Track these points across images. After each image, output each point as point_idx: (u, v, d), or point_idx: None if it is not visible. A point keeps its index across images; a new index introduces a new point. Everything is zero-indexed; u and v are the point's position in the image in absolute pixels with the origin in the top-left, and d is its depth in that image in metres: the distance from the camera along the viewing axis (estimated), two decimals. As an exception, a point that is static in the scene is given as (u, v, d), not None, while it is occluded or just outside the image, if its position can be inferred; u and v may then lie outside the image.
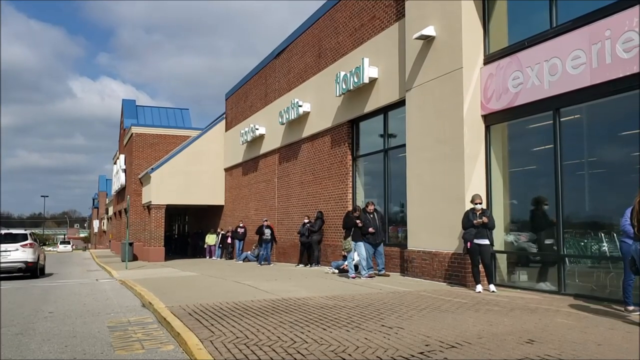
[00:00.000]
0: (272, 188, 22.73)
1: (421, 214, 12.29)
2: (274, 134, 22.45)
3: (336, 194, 17.19)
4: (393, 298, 9.36)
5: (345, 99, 16.60)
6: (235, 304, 9.05)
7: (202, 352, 5.73)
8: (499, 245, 10.73)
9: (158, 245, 27.61)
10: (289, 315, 7.81)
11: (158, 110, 40.48)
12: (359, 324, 7.01)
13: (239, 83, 27.97)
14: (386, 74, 14.55)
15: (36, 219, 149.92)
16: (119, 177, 39.28)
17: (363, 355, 5.39)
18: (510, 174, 11.16)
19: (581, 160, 9.74)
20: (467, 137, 11.00)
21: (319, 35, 18.84)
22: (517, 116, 10.53)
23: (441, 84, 11.67)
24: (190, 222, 39.86)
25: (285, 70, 21.78)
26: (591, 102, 9.15)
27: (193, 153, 28.89)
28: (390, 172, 14.95)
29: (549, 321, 6.97)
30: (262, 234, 20.54)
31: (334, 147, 17.44)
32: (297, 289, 11.03)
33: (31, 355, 6.44)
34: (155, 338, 7.19)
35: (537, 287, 9.98)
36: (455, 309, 8.08)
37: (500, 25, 11.34)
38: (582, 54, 8.95)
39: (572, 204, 9.65)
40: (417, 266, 12.35)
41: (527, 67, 10.04)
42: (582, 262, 9.61)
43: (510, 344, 5.73)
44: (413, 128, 12.66)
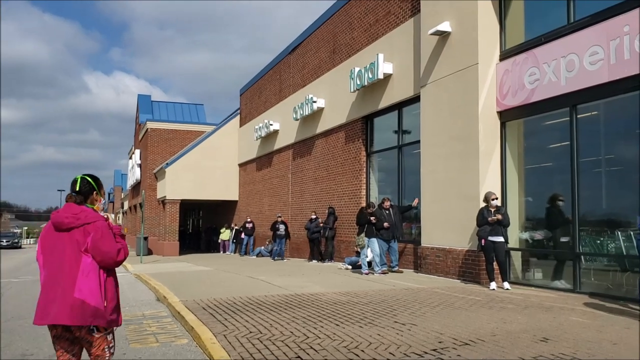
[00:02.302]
0: (285, 184, 22.76)
1: (435, 210, 12.24)
2: (288, 129, 22.47)
3: (350, 190, 17.18)
4: (406, 295, 9.35)
5: (360, 95, 16.56)
6: (248, 299, 9.10)
7: (215, 347, 5.77)
8: (513, 242, 10.66)
9: (172, 240, 27.79)
10: (302, 311, 7.83)
11: (173, 106, 40.72)
12: (372, 320, 7.01)
13: (253, 79, 28.02)
14: (401, 70, 14.48)
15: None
16: (134, 171, 39.56)
17: (376, 351, 5.40)
18: (526, 171, 11.07)
19: (598, 158, 9.63)
20: (482, 134, 10.93)
21: (334, 31, 18.80)
22: (533, 113, 10.44)
23: (456, 80, 11.60)
24: (204, 217, 40.09)
25: (300, 66, 21.77)
26: (609, 98, 9.04)
27: (207, 148, 29.01)
28: (404, 168, 14.90)
29: (563, 319, 6.92)
30: (277, 229, 20.62)
31: (348, 143, 17.42)
32: (310, 285, 11.06)
33: (48, 347, 6.53)
34: (169, 332, 7.26)
35: (551, 285, 9.90)
36: (468, 306, 8.04)
37: (516, 21, 11.23)
38: (600, 49, 8.84)
39: (588, 202, 9.55)
40: (431, 263, 12.31)
41: (543, 63, 9.93)
42: (598, 260, 9.51)
43: (524, 342, 5.70)
44: (427, 124, 12.60)
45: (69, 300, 3.46)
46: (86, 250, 3.55)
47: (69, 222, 3.57)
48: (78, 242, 3.55)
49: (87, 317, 3.49)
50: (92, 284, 3.52)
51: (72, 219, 3.57)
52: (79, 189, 3.72)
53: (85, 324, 3.50)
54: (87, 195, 3.74)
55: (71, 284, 3.49)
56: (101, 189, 3.82)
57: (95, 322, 3.53)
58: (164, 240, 28.07)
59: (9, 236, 53.84)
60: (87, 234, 3.55)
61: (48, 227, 3.67)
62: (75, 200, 3.70)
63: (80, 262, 3.53)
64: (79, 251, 3.54)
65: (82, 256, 3.54)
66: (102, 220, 3.62)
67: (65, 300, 3.46)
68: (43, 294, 3.56)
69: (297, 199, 21.58)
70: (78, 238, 3.55)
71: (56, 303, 3.48)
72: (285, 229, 20.78)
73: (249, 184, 27.80)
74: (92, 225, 3.57)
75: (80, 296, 3.47)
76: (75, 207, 3.65)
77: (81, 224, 3.56)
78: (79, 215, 3.59)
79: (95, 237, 3.55)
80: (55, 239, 3.60)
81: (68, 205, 3.67)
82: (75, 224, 3.56)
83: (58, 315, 3.46)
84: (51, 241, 3.62)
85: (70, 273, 3.51)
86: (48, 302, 3.51)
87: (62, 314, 3.46)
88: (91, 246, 3.54)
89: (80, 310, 3.47)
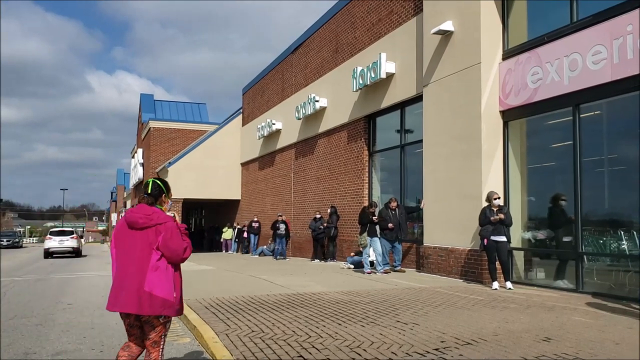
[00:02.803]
0: (288, 183, 22.77)
1: (437, 210, 12.23)
2: (290, 129, 22.47)
3: (352, 190, 17.18)
4: (408, 294, 9.34)
5: (362, 94, 16.56)
6: (251, 298, 9.10)
7: (217, 346, 5.78)
8: (516, 242, 10.64)
9: (175, 239, 27.81)
10: (304, 310, 7.83)
11: (175, 105, 40.80)
12: (374, 319, 7.00)
13: (256, 78, 28.04)
14: (403, 69, 14.47)
15: (55, 212, 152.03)
16: (136, 170, 39.65)
17: (378, 350, 5.39)
18: (529, 170, 11.05)
19: (600, 157, 9.61)
20: (484, 133, 10.91)
21: (336, 30, 18.79)
22: (536, 112, 10.42)
23: (459, 79, 11.58)
24: (207, 216, 40.15)
25: (302, 65, 21.77)
26: (612, 98, 9.02)
27: (210, 147, 29.05)
28: (406, 168, 14.89)
29: (566, 319, 6.90)
30: (277, 229, 20.62)
31: (351, 142, 17.42)
32: (313, 284, 11.06)
33: (50, 345, 6.55)
34: (171, 331, 7.26)
35: (554, 285, 9.88)
36: (471, 305, 8.04)
37: (519, 20, 11.21)
38: (603, 49, 8.82)
39: (591, 201, 9.53)
40: (433, 262, 12.30)
41: (546, 62, 9.92)
42: (601, 260, 9.50)
43: (526, 341, 5.69)
44: (430, 124, 12.59)
45: (138, 292, 3.84)
46: (157, 248, 3.92)
47: (143, 222, 3.95)
48: (150, 240, 3.92)
49: (157, 308, 3.88)
50: (161, 278, 3.90)
51: (146, 220, 3.95)
52: (150, 192, 4.12)
53: (154, 313, 3.88)
54: (157, 197, 4.13)
55: (142, 278, 3.86)
56: (169, 192, 4.22)
57: (165, 311, 3.92)
58: (166, 239, 28.10)
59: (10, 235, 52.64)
60: (158, 234, 3.92)
61: (121, 224, 4.05)
62: (147, 201, 4.09)
63: (150, 258, 3.91)
64: (150, 248, 3.91)
65: (152, 253, 3.91)
66: (171, 221, 3.98)
67: (136, 292, 3.84)
68: (115, 284, 3.96)
69: (299, 198, 21.59)
70: (150, 236, 3.92)
71: (126, 293, 3.86)
72: (285, 228, 20.78)
73: (251, 183, 27.82)
74: (163, 225, 3.94)
75: (149, 289, 3.86)
76: (147, 208, 4.04)
77: (154, 224, 3.94)
78: (151, 216, 3.96)
79: (165, 237, 3.91)
80: (128, 235, 3.98)
81: (141, 206, 4.06)
82: (148, 224, 3.94)
83: (126, 305, 3.86)
84: (124, 237, 4.00)
85: (141, 268, 3.88)
86: (119, 292, 3.91)
87: (130, 303, 3.85)
88: (162, 245, 3.91)
89: (149, 301, 3.85)
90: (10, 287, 13.30)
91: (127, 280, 3.89)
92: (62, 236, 30.06)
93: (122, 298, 3.87)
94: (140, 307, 3.85)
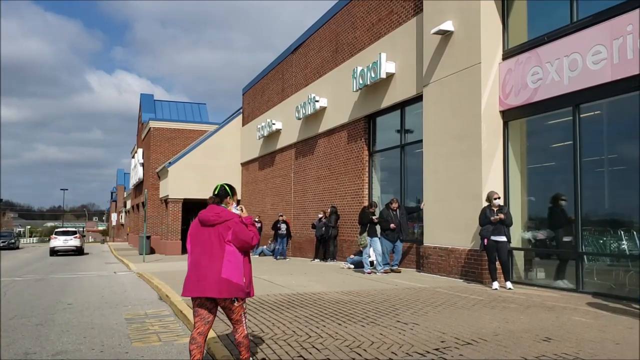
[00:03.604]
0: (288, 183, 22.77)
1: (437, 210, 12.23)
2: (290, 129, 22.47)
3: (352, 190, 17.18)
4: (409, 294, 9.34)
5: (362, 94, 16.56)
6: (251, 298, 9.09)
7: (218, 346, 5.79)
8: (516, 242, 10.64)
9: (175, 239, 27.84)
10: (305, 310, 7.84)
11: (176, 105, 40.78)
12: (374, 319, 7.01)
13: (256, 78, 28.04)
14: (403, 69, 14.47)
15: (55, 212, 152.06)
16: (136, 171, 39.64)
17: (378, 350, 5.40)
18: (529, 170, 11.04)
19: (601, 157, 9.61)
20: (484, 133, 10.91)
21: (336, 30, 18.79)
22: (536, 112, 10.42)
23: (459, 79, 11.58)
24: (207, 216, 40.08)
25: (302, 65, 21.77)
26: (612, 98, 9.02)
27: (210, 147, 29.03)
28: (406, 168, 14.89)
29: (566, 319, 6.91)
30: (278, 228, 20.62)
31: (351, 142, 17.42)
32: (313, 284, 11.06)
33: (51, 345, 6.55)
34: (171, 331, 7.27)
35: (554, 285, 9.88)
36: (471, 305, 8.04)
37: (519, 20, 11.21)
38: (603, 49, 8.82)
39: (591, 201, 9.53)
40: (433, 262, 12.30)
41: (546, 62, 9.91)
42: (601, 260, 9.49)
43: (526, 341, 5.69)
44: (430, 124, 12.59)
45: (218, 279, 4.51)
46: (229, 240, 4.59)
47: (214, 219, 4.65)
48: (221, 235, 4.60)
49: (232, 291, 4.56)
50: (234, 266, 4.57)
51: (216, 217, 4.65)
52: (217, 193, 4.84)
53: (230, 296, 4.57)
54: (223, 198, 4.83)
55: (218, 267, 4.53)
56: (234, 195, 4.92)
57: (238, 294, 4.60)
58: (166, 239, 28.12)
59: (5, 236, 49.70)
60: (228, 228, 4.60)
61: (195, 223, 4.77)
62: (214, 201, 4.80)
63: (224, 250, 4.58)
64: (222, 241, 4.59)
65: (225, 245, 4.59)
66: (237, 217, 4.69)
67: (215, 279, 4.51)
68: (193, 274, 4.60)
69: (299, 198, 21.59)
70: (221, 231, 4.60)
71: (207, 281, 4.51)
72: (286, 228, 20.78)
73: (251, 183, 27.82)
74: (231, 221, 4.63)
75: (227, 276, 4.53)
76: (217, 208, 4.74)
77: (223, 221, 4.63)
78: (220, 214, 4.66)
79: (235, 230, 4.59)
80: (202, 232, 4.67)
81: (211, 206, 4.77)
82: (218, 221, 4.63)
83: (208, 290, 4.52)
84: (198, 233, 4.69)
85: (217, 258, 4.55)
86: (199, 280, 4.54)
87: (211, 289, 4.51)
88: (233, 237, 4.59)
89: (227, 286, 4.52)
90: (10, 287, 13.31)
91: (205, 269, 4.54)
92: (66, 236, 32.91)
93: (202, 285, 4.52)
94: (219, 292, 4.52)
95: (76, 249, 32.76)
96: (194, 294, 4.59)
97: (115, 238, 75.01)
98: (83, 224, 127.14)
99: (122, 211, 67.89)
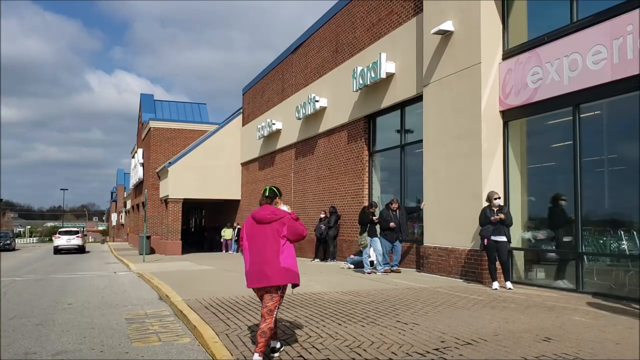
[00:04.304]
0: (288, 183, 22.77)
1: (437, 210, 12.23)
2: (290, 129, 22.47)
3: (352, 190, 17.18)
4: (409, 294, 9.34)
5: (362, 94, 16.55)
6: (251, 298, 9.10)
7: (217, 345, 5.78)
8: (516, 242, 10.64)
9: (175, 239, 27.82)
10: (305, 310, 7.84)
11: (176, 105, 40.77)
12: (374, 319, 7.01)
13: (256, 78, 28.03)
14: (403, 69, 14.47)
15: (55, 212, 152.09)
16: (136, 170, 39.63)
17: (378, 350, 5.40)
18: (529, 170, 11.04)
19: (601, 157, 9.61)
20: (484, 133, 10.91)
21: (337, 30, 18.79)
22: (536, 112, 10.42)
23: (459, 79, 11.58)
24: (207, 216, 40.14)
25: (303, 65, 21.77)
26: (612, 98, 9.02)
27: (210, 147, 29.02)
28: (406, 167, 14.89)
29: (566, 319, 6.91)
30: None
31: (351, 142, 17.41)
32: (313, 284, 11.06)
33: (51, 345, 6.55)
34: (171, 331, 7.27)
35: (554, 285, 9.88)
36: (471, 305, 8.04)
37: (519, 20, 11.21)
38: (603, 49, 8.82)
39: (591, 201, 9.53)
40: (433, 262, 12.30)
41: (546, 62, 9.91)
42: (601, 260, 9.49)
43: (526, 341, 5.69)
44: (430, 124, 12.59)
45: (279, 269, 5.18)
46: (284, 235, 5.27)
47: (270, 217, 5.32)
48: (277, 230, 5.26)
49: (291, 278, 5.29)
50: (288, 256, 5.28)
51: (272, 215, 5.33)
52: (268, 195, 5.56)
53: (290, 282, 5.31)
54: (272, 198, 5.54)
55: (277, 259, 5.19)
56: (281, 195, 5.70)
57: (294, 281, 5.34)
58: (166, 239, 28.11)
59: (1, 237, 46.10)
60: (283, 224, 5.28)
61: (250, 221, 5.42)
62: (266, 202, 5.50)
63: (279, 244, 5.24)
64: (278, 236, 5.25)
65: (279, 239, 5.25)
66: (288, 215, 5.37)
67: (277, 269, 5.17)
68: (255, 267, 5.23)
69: (299, 198, 21.59)
70: (277, 227, 5.27)
71: (268, 271, 5.16)
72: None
73: (251, 183, 27.82)
74: (285, 218, 5.32)
75: (285, 265, 5.23)
76: (269, 207, 5.44)
77: (278, 218, 5.30)
78: (275, 212, 5.36)
79: (289, 225, 5.30)
80: (258, 229, 5.33)
81: (264, 206, 5.46)
82: (274, 218, 5.31)
83: (272, 279, 5.17)
84: (254, 230, 5.35)
85: (274, 251, 5.21)
86: (260, 272, 5.18)
87: (275, 277, 5.17)
88: (288, 232, 5.29)
89: (286, 274, 5.23)
90: (10, 287, 13.31)
91: (265, 262, 5.18)
92: (69, 235, 35.67)
93: (265, 276, 5.15)
94: (281, 279, 5.19)
95: (78, 248, 35.10)
96: (259, 285, 5.20)
97: (115, 238, 75.00)
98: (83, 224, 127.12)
99: (122, 211, 67.87)
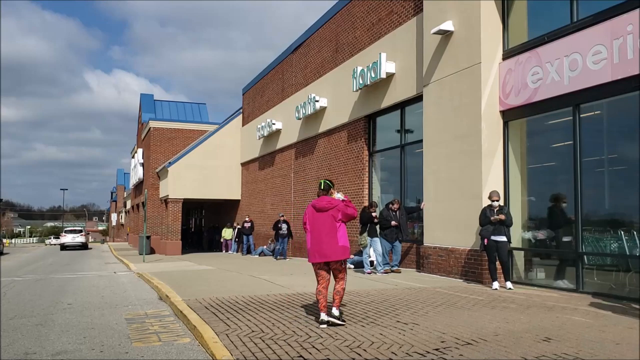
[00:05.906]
0: (288, 183, 22.77)
1: (437, 210, 12.23)
2: (290, 129, 22.47)
3: (352, 190, 17.17)
4: (409, 294, 9.34)
5: (362, 94, 16.55)
6: (251, 298, 9.10)
7: (217, 346, 5.78)
8: (516, 242, 10.64)
9: (175, 239, 27.82)
10: (304, 310, 7.83)
11: (176, 105, 40.78)
12: (374, 319, 7.00)
13: (255, 78, 28.03)
14: (403, 69, 14.47)
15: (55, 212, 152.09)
16: (136, 170, 39.63)
17: (378, 350, 5.39)
18: (529, 170, 11.04)
19: (601, 157, 9.61)
20: (485, 133, 10.91)
21: (337, 30, 18.79)
22: (536, 112, 10.42)
23: (459, 79, 11.58)
24: (207, 216, 40.11)
25: (302, 65, 21.77)
26: (612, 98, 9.02)
27: (210, 147, 29.01)
28: (406, 167, 14.89)
29: (566, 319, 6.91)
30: (279, 229, 20.63)
31: (351, 142, 17.41)
32: (313, 284, 11.02)
33: (50, 345, 6.55)
34: (171, 331, 7.27)
35: (554, 285, 9.88)
36: (471, 305, 8.03)
37: (519, 20, 11.21)
38: (603, 49, 8.81)
39: (591, 201, 9.53)
40: (433, 262, 12.30)
41: (546, 62, 9.91)
42: (601, 260, 9.49)
43: (526, 341, 5.69)
44: (430, 124, 12.59)
45: (337, 247, 6.62)
46: (340, 219, 6.69)
47: (328, 206, 6.74)
48: (333, 216, 6.69)
49: (347, 254, 6.70)
50: (343, 236, 6.69)
51: (329, 204, 6.75)
52: (324, 188, 6.92)
53: (346, 257, 6.73)
54: (328, 190, 6.93)
55: (334, 239, 6.63)
56: (334, 187, 7.07)
57: (348, 256, 6.77)
58: (166, 239, 28.10)
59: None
60: (338, 211, 6.70)
61: (311, 209, 6.85)
62: (323, 193, 6.89)
63: (335, 227, 6.67)
64: (334, 221, 6.68)
65: (335, 223, 6.68)
66: (342, 203, 6.78)
67: (335, 248, 6.62)
68: (316, 247, 6.68)
69: (299, 198, 21.58)
70: (333, 213, 6.70)
71: (328, 249, 6.60)
72: (287, 228, 20.79)
73: (251, 183, 27.81)
74: (339, 205, 6.74)
75: (342, 244, 6.65)
76: (326, 197, 6.86)
77: (333, 207, 6.72)
78: (331, 201, 6.78)
79: (344, 211, 6.71)
80: (318, 216, 6.76)
81: (322, 197, 6.86)
82: (331, 207, 6.73)
83: (331, 256, 6.61)
84: (315, 217, 6.79)
85: (332, 233, 6.64)
86: (321, 250, 6.63)
87: (334, 254, 6.61)
88: (343, 216, 6.70)
89: (342, 251, 6.66)
90: (10, 287, 13.30)
91: (325, 242, 6.60)
92: (74, 234, 42.94)
93: (325, 253, 6.58)
94: (339, 256, 6.61)
95: (82, 245, 42.07)
96: (320, 260, 6.62)
97: (115, 238, 74.96)
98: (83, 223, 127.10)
99: (122, 211, 67.85)
